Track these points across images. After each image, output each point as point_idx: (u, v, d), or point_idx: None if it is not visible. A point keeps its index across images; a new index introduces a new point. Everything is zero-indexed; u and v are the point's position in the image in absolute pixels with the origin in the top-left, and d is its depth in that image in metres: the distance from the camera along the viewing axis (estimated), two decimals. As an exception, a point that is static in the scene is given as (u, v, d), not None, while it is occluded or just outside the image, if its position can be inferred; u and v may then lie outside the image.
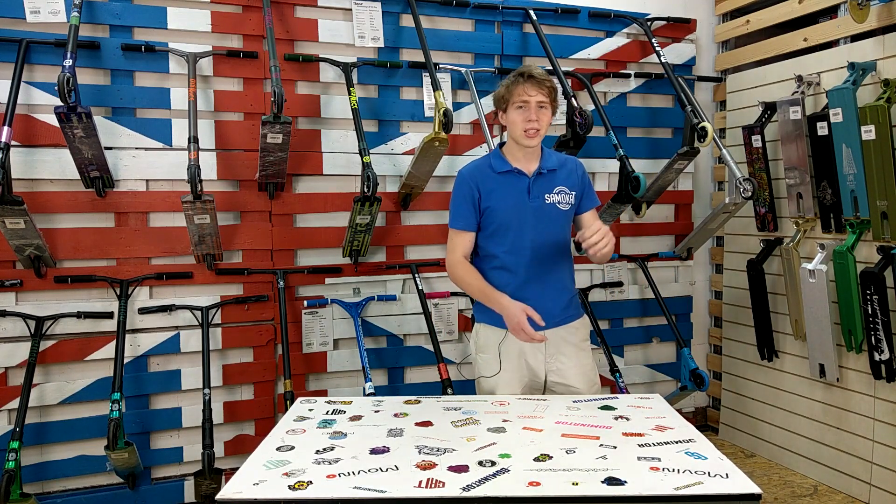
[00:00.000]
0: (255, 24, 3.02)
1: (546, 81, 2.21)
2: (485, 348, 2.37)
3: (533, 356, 2.32)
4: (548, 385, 2.36)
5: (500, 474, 1.63)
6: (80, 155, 2.67)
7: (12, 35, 2.69)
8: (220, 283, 3.05)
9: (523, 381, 2.34)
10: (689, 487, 1.55)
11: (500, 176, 2.29)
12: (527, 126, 2.20)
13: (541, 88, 2.19)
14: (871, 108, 2.68)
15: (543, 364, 2.32)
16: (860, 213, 2.83)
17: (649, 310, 3.75)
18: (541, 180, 2.29)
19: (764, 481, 3.21)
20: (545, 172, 2.29)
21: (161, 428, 2.99)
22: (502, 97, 2.25)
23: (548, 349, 2.31)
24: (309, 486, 1.57)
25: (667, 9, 3.72)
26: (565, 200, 2.31)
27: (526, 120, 2.19)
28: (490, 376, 2.35)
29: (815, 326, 3.06)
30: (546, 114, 2.22)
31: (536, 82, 2.19)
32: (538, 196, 2.28)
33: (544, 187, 2.29)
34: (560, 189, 2.30)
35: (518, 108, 2.21)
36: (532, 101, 2.18)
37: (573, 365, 2.33)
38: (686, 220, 3.86)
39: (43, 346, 2.77)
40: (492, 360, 2.34)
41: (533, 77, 2.19)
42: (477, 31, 3.40)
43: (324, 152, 3.17)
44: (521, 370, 2.33)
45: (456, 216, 2.33)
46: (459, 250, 2.33)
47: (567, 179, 2.32)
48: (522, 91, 2.19)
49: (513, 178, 2.29)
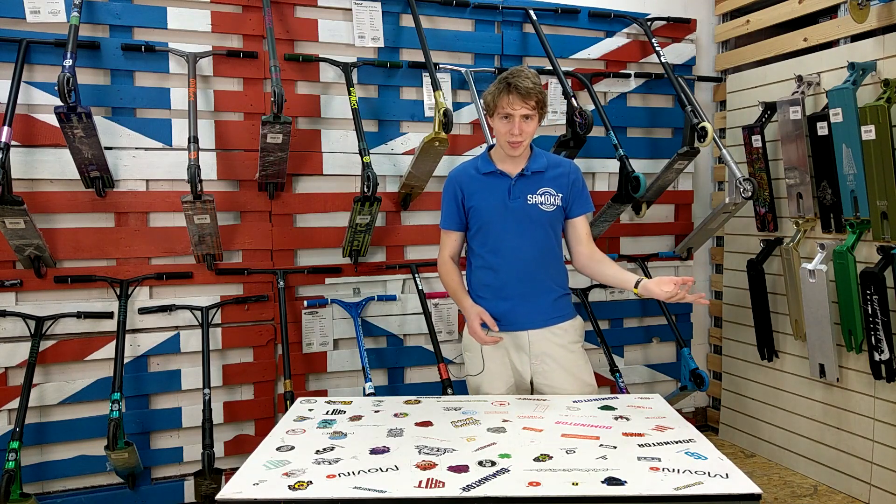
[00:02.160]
0: (255, 24, 3.02)
1: (532, 94, 2.16)
2: (469, 347, 2.40)
3: (517, 357, 2.33)
4: (535, 387, 2.36)
5: (500, 474, 1.63)
6: (80, 155, 2.67)
7: (12, 35, 2.69)
8: (220, 283, 3.05)
9: (508, 381, 2.35)
10: (689, 487, 1.55)
11: (484, 177, 2.32)
12: (510, 138, 2.21)
13: (526, 102, 2.17)
14: (871, 108, 2.68)
15: (529, 366, 2.33)
16: (860, 213, 2.83)
17: (649, 310, 3.75)
18: (523, 181, 2.30)
19: (764, 481, 3.21)
20: (529, 174, 2.30)
21: (161, 428, 2.99)
22: (488, 104, 2.25)
23: (532, 350, 2.31)
24: (309, 486, 1.57)
25: (667, 9, 3.72)
26: (549, 202, 2.30)
27: (509, 132, 2.20)
28: (475, 375, 2.38)
29: (815, 326, 3.06)
30: (531, 123, 2.22)
31: (521, 96, 2.15)
32: (519, 196, 2.28)
33: (526, 188, 2.29)
34: (545, 190, 2.30)
35: (503, 118, 2.21)
36: (516, 114, 2.18)
37: (558, 367, 2.32)
38: (686, 220, 3.86)
39: (43, 346, 2.77)
40: (476, 359, 2.37)
41: (518, 90, 2.15)
42: (477, 31, 3.40)
43: (324, 152, 3.17)
44: (506, 370, 2.34)
45: (443, 216, 2.39)
46: (446, 250, 2.40)
47: (555, 181, 2.32)
48: (507, 104, 2.17)
49: (495, 180, 2.31)
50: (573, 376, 2.34)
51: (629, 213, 3.60)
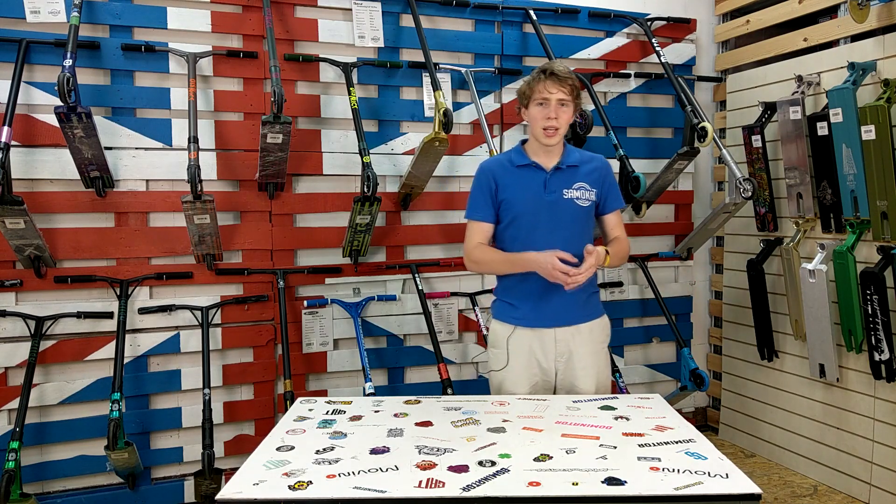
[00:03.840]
0: (255, 24, 3.02)
1: (568, 79, 2.18)
2: (495, 343, 2.37)
3: (543, 355, 2.30)
4: (557, 384, 2.34)
5: (500, 474, 1.63)
6: (80, 155, 2.67)
7: (12, 35, 2.69)
8: (220, 283, 3.05)
9: (532, 378, 2.32)
10: (689, 487, 1.55)
11: (519, 169, 2.29)
12: (546, 123, 2.19)
13: (562, 86, 2.17)
14: (871, 108, 2.68)
15: (553, 362, 2.30)
16: (860, 213, 2.83)
17: (649, 310, 3.75)
18: (559, 175, 2.27)
19: (764, 481, 3.21)
20: (564, 168, 2.28)
21: (161, 428, 2.99)
22: (524, 93, 2.24)
23: (558, 348, 2.29)
24: (309, 486, 1.57)
25: (667, 9, 3.72)
26: (585, 197, 2.28)
27: (545, 117, 2.18)
28: (498, 370, 2.35)
29: (815, 326, 3.06)
30: (567, 111, 2.21)
31: (558, 79, 2.16)
32: (555, 190, 2.26)
33: (562, 182, 2.27)
34: (580, 185, 2.28)
35: (538, 104, 2.20)
36: (552, 98, 2.17)
37: (582, 366, 2.30)
38: (686, 220, 3.86)
39: (43, 346, 2.77)
40: (500, 355, 2.34)
41: (554, 74, 2.17)
42: (477, 31, 3.40)
43: (324, 152, 3.17)
44: (531, 367, 2.31)
45: (473, 207, 2.33)
46: (476, 238, 2.31)
47: (588, 176, 2.30)
48: (543, 88, 2.17)
49: (530, 172, 2.28)
50: (594, 377, 2.32)
51: (629, 213, 3.59)
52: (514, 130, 3.48)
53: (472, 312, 3.33)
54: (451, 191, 3.38)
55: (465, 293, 3.36)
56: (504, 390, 2.34)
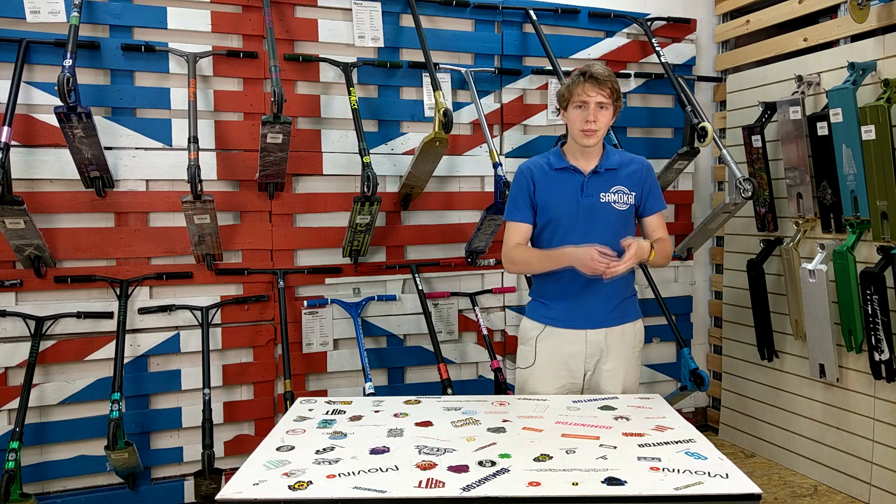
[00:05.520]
0: (255, 24, 3.02)
1: (608, 82, 2.17)
2: (524, 340, 2.37)
3: (572, 357, 2.28)
4: (585, 386, 2.32)
5: (500, 474, 1.63)
6: (80, 155, 2.67)
7: (12, 35, 2.69)
8: (220, 283, 3.05)
9: (559, 380, 2.30)
10: (689, 487, 1.55)
11: (556, 172, 2.28)
12: (584, 126, 2.18)
13: (601, 89, 2.16)
14: (871, 108, 2.68)
15: (583, 364, 2.29)
16: (860, 213, 2.83)
17: (649, 310, 3.73)
18: (596, 178, 2.26)
19: (764, 481, 3.21)
20: (602, 171, 2.27)
21: (161, 428, 2.99)
22: (562, 95, 2.24)
23: (588, 349, 2.27)
24: (309, 486, 1.57)
25: (667, 9, 3.72)
26: (622, 200, 2.26)
27: (584, 120, 2.18)
28: (524, 367, 2.35)
29: (815, 326, 3.06)
30: (606, 114, 2.20)
31: (597, 82, 2.16)
32: (592, 194, 2.25)
33: (600, 186, 2.26)
34: (618, 188, 2.26)
35: (577, 107, 2.20)
36: (591, 101, 2.17)
37: (609, 369, 2.29)
38: (686, 220, 3.86)
39: (43, 346, 2.77)
40: (528, 352, 2.34)
41: (594, 77, 2.16)
42: (477, 31, 3.40)
43: (324, 152, 3.17)
44: (558, 368, 2.29)
45: (512, 209, 2.33)
46: (514, 239, 2.31)
47: (627, 179, 2.28)
48: (582, 91, 2.17)
49: (568, 175, 2.27)
50: (621, 381, 2.30)
51: (629, 213, 3.60)
52: (513, 130, 3.48)
53: (472, 312, 3.33)
54: (451, 191, 3.39)
55: (465, 293, 3.36)
56: (528, 389, 2.33)
